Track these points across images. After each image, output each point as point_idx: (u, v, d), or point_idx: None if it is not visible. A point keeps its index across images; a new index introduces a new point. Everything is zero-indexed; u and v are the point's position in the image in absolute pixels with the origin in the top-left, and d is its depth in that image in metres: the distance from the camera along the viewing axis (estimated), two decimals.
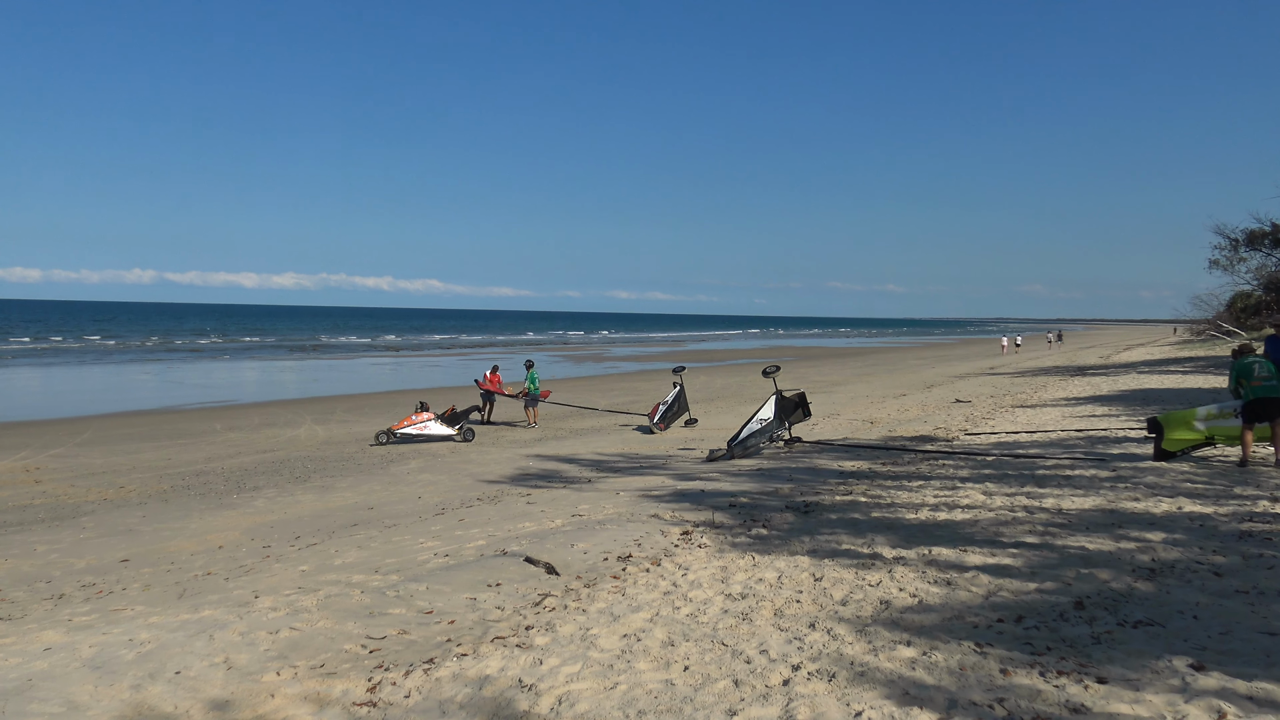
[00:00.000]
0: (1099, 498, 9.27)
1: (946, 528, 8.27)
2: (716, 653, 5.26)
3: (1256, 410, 10.80)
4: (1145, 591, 5.95)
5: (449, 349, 74.86)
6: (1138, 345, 69.46)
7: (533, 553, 8.04)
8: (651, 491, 11.41)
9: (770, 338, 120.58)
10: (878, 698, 4.43)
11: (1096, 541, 7.39)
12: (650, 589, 6.78)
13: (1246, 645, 4.86)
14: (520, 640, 5.71)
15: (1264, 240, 42.22)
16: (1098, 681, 4.45)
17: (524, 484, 13.24)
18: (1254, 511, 8.24)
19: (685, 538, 8.52)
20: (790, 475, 12.30)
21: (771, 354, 67.66)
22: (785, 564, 7.26)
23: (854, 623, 5.64)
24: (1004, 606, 5.79)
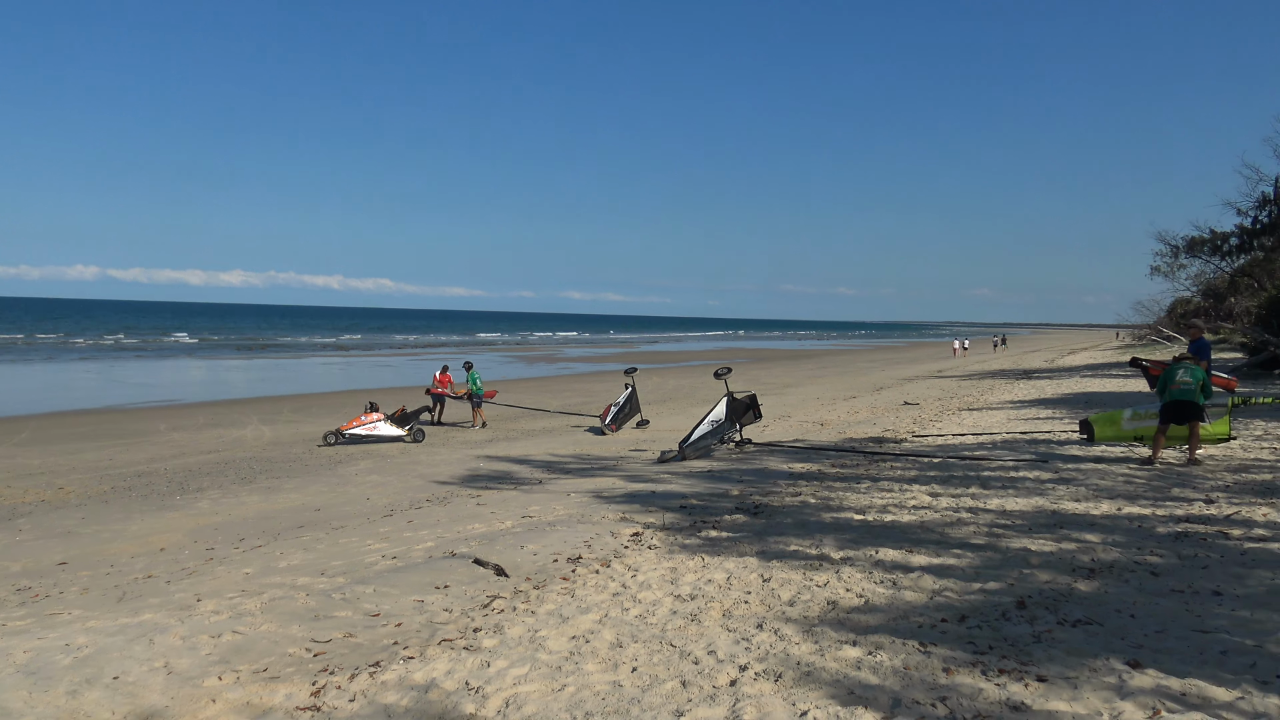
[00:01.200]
0: (1042, 499, 9.44)
1: (894, 529, 8.37)
2: (665, 654, 5.27)
3: (1173, 412, 11.37)
4: (1085, 591, 6.07)
5: (400, 349, 74.18)
6: (1082, 349, 70.86)
7: (482, 554, 8.00)
8: (602, 493, 11.41)
9: (722, 339, 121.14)
10: (823, 697, 4.47)
11: (1039, 542, 7.52)
12: (600, 590, 6.78)
13: (1180, 643, 4.98)
14: (468, 643, 5.68)
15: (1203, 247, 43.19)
16: (1037, 680, 4.53)
17: (474, 485, 13.16)
18: (1190, 513, 8.45)
19: (635, 539, 8.53)
20: (741, 477, 12.36)
21: (723, 356, 67.97)
22: (734, 565, 7.30)
23: (801, 623, 5.69)
24: (948, 606, 5.87)
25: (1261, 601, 5.66)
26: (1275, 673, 4.46)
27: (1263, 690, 4.25)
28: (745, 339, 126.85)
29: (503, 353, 71.20)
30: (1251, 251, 40.01)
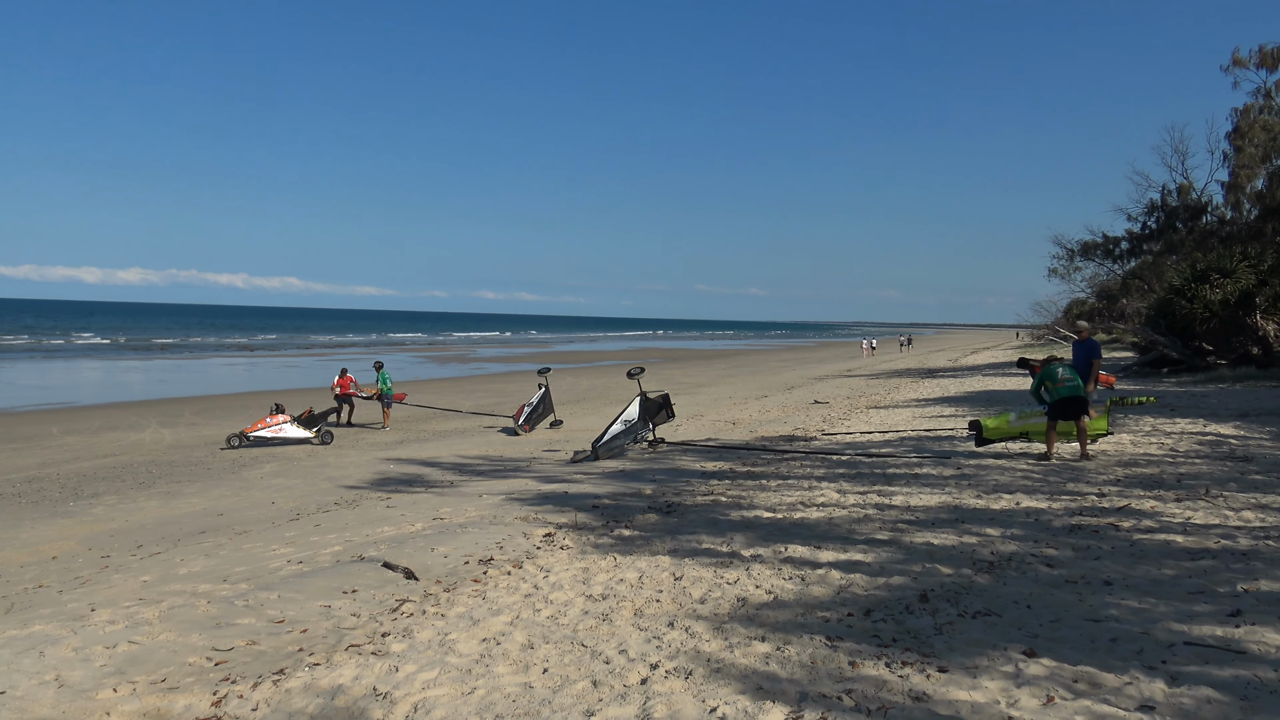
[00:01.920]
0: (944, 495, 9.71)
1: (802, 526, 8.51)
2: (576, 654, 5.27)
3: (1062, 409, 11.83)
4: (984, 584, 6.26)
5: (307, 349, 72.54)
6: (984, 349, 73.02)
7: (391, 558, 7.88)
8: (515, 494, 11.34)
9: (637, 339, 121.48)
10: (733, 693, 4.52)
11: (941, 537, 7.73)
12: (511, 592, 6.74)
13: (1074, 632, 5.17)
14: (376, 648, 5.59)
15: (1096, 251, 44.96)
16: (939, 670, 4.66)
17: (384, 488, 12.96)
18: (1084, 506, 8.78)
19: (548, 540, 8.51)
20: (653, 476, 12.43)
21: (637, 356, 68.19)
22: (646, 564, 7.33)
23: (711, 620, 5.74)
24: (854, 601, 6.00)
25: (1148, 590, 5.91)
26: (1160, 658, 4.67)
27: (1149, 675, 4.44)
28: (660, 339, 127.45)
29: (414, 352, 70.20)
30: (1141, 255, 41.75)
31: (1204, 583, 6.01)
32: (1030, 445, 12.85)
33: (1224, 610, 5.39)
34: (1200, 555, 6.74)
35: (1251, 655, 4.65)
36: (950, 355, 62.87)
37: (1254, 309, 27.72)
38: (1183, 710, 4.04)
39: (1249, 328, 27.83)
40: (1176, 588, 5.95)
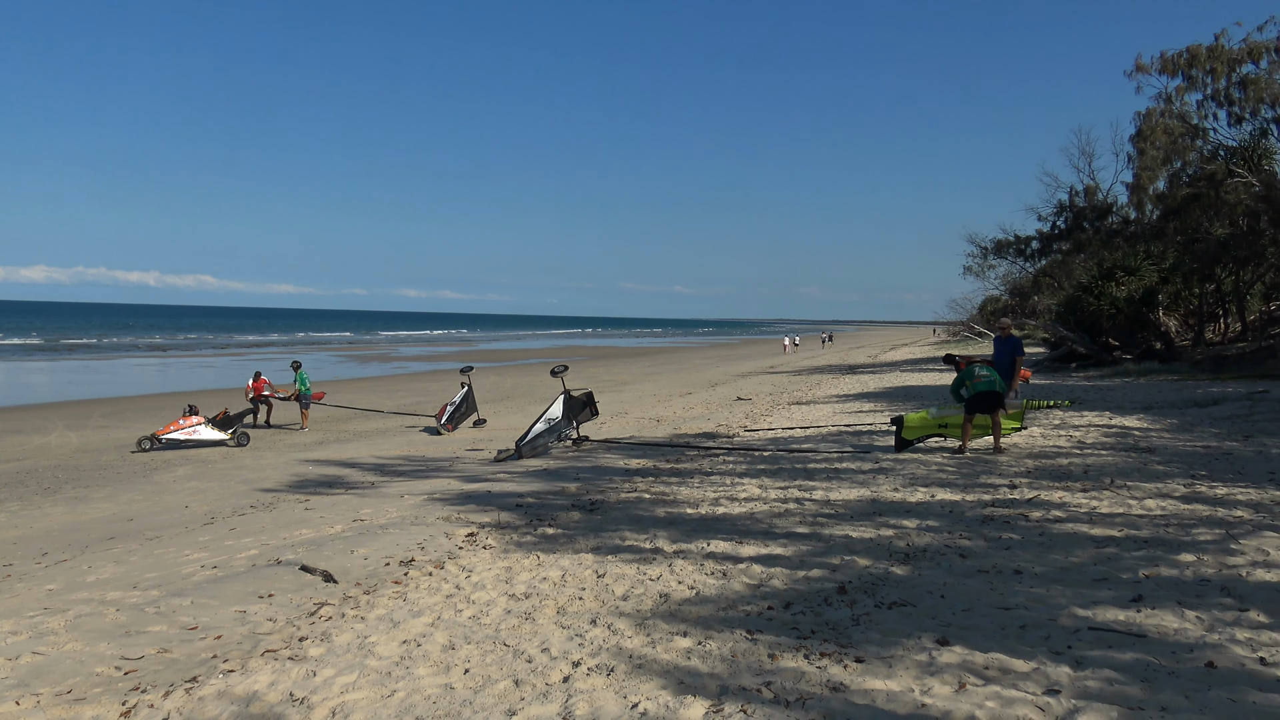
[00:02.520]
0: (863, 489, 9.89)
1: (725, 521, 8.60)
2: (498, 654, 5.25)
3: (978, 403, 12.22)
4: (900, 575, 6.41)
5: (223, 348, 70.76)
6: (902, 345, 74.50)
7: (309, 561, 7.74)
8: (437, 494, 11.23)
9: (562, 337, 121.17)
10: (655, 688, 4.55)
11: (859, 529, 7.88)
12: (433, 593, 6.68)
13: (985, 620, 5.32)
14: (293, 652, 5.49)
15: (1009, 250, 46.33)
16: (856, 661, 4.75)
17: (302, 489, 12.72)
18: (995, 498, 9.03)
19: (470, 539, 8.45)
20: (577, 474, 12.42)
21: (562, 354, 68.01)
22: (569, 562, 7.33)
23: (634, 617, 5.77)
24: (774, 594, 6.08)
25: (1055, 578, 6.11)
26: (1066, 644, 4.83)
27: (1055, 661, 4.59)
28: (585, 337, 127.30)
29: (335, 352, 68.98)
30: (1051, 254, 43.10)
31: (1108, 570, 6.23)
32: (946, 440, 13.16)
33: (1126, 596, 5.60)
34: (1105, 543, 6.98)
35: (1151, 639, 4.84)
36: (870, 352, 64.03)
37: (1156, 306, 28.83)
38: (1087, 693, 4.18)
39: (1152, 324, 28.93)
40: (1082, 575, 6.15)
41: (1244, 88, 27.78)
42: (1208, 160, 29.19)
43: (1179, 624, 5.04)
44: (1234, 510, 7.90)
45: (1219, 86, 28.64)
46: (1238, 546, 6.66)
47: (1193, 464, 10.42)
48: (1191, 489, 8.95)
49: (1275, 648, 4.62)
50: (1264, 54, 27.48)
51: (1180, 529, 7.31)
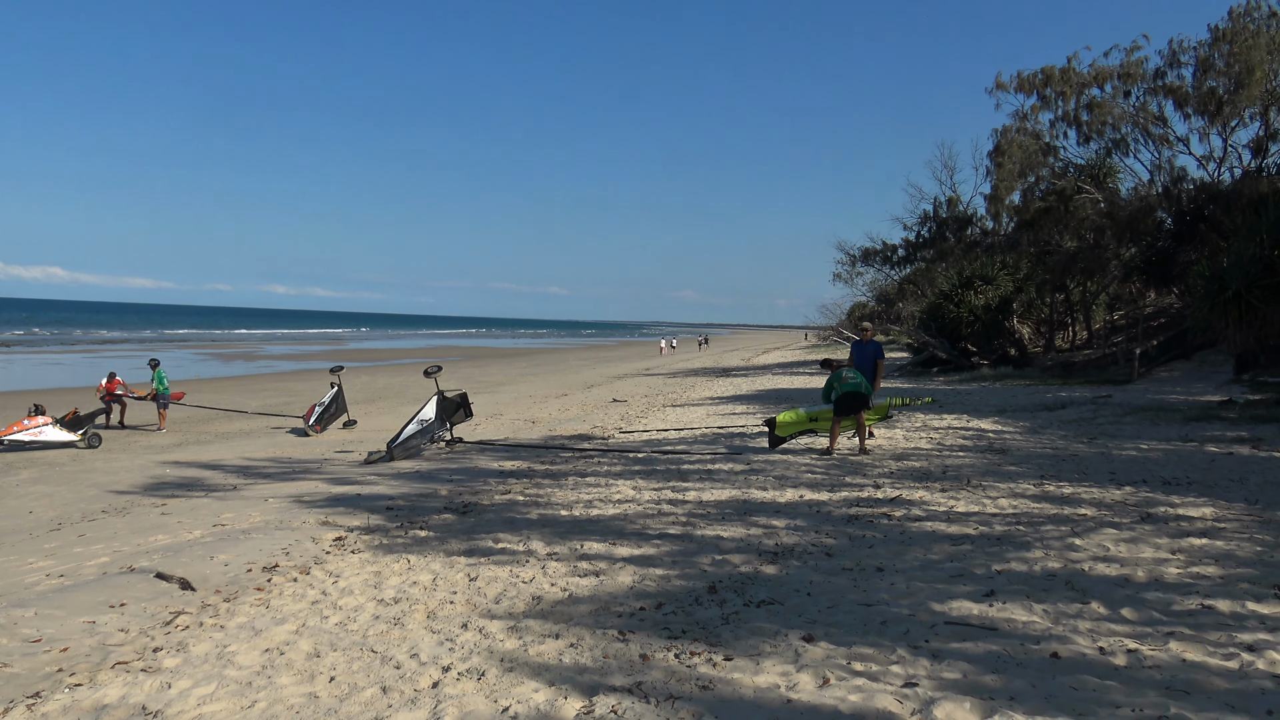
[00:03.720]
0: (734, 489, 10.07)
1: (599, 523, 8.62)
2: (365, 660, 5.13)
3: (845, 404, 12.62)
4: (769, 573, 6.55)
5: (73, 345, 66.95)
6: (774, 349, 76.21)
7: (165, 568, 7.41)
8: (304, 497, 10.91)
9: (436, 337, 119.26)
10: (527, 691, 4.53)
11: (730, 529, 8.02)
12: (298, 599, 6.49)
13: (849, 616, 5.49)
14: (146, 664, 5.24)
15: (876, 257, 47.96)
16: (725, 659, 4.83)
17: (159, 493, 12.15)
18: (860, 497, 9.33)
19: (338, 544, 8.24)
20: (450, 476, 12.26)
21: (436, 354, 66.96)
22: (441, 565, 7.23)
23: (506, 620, 5.73)
24: (647, 594, 6.13)
25: (915, 575, 6.35)
26: (925, 638, 5.02)
27: (914, 654, 4.78)
28: (459, 337, 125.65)
29: (196, 349, 66.17)
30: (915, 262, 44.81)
31: (963, 566, 6.52)
32: (815, 440, 13.53)
33: (980, 591, 5.86)
34: (961, 541, 7.30)
35: (1003, 631, 5.08)
36: (744, 355, 65.24)
37: (1012, 314, 30.31)
38: (943, 683, 4.36)
39: (1007, 330, 30.40)
40: (940, 571, 6.42)
41: (1091, 110, 29.47)
42: (1059, 176, 30.84)
43: (1028, 617, 5.31)
44: (1079, 508, 8.37)
45: (1069, 108, 30.32)
46: (1081, 543, 7.05)
47: (1042, 465, 10.99)
48: (1041, 488, 9.44)
49: (1113, 637, 4.91)
50: (1108, 79, 29.22)
51: (1030, 527, 7.70)
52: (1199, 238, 24.61)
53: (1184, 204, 26.08)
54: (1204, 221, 24.55)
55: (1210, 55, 26.61)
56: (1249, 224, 16.33)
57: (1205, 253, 23.58)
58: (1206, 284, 16.26)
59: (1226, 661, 4.50)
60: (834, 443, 12.67)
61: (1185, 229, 25.20)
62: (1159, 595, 5.64)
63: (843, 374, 12.70)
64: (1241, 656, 4.55)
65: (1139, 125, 28.93)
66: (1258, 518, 7.77)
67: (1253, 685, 4.21)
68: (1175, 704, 4.01)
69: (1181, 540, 7.03)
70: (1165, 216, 27.13)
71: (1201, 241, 24.46)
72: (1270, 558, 6.46)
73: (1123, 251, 28.93)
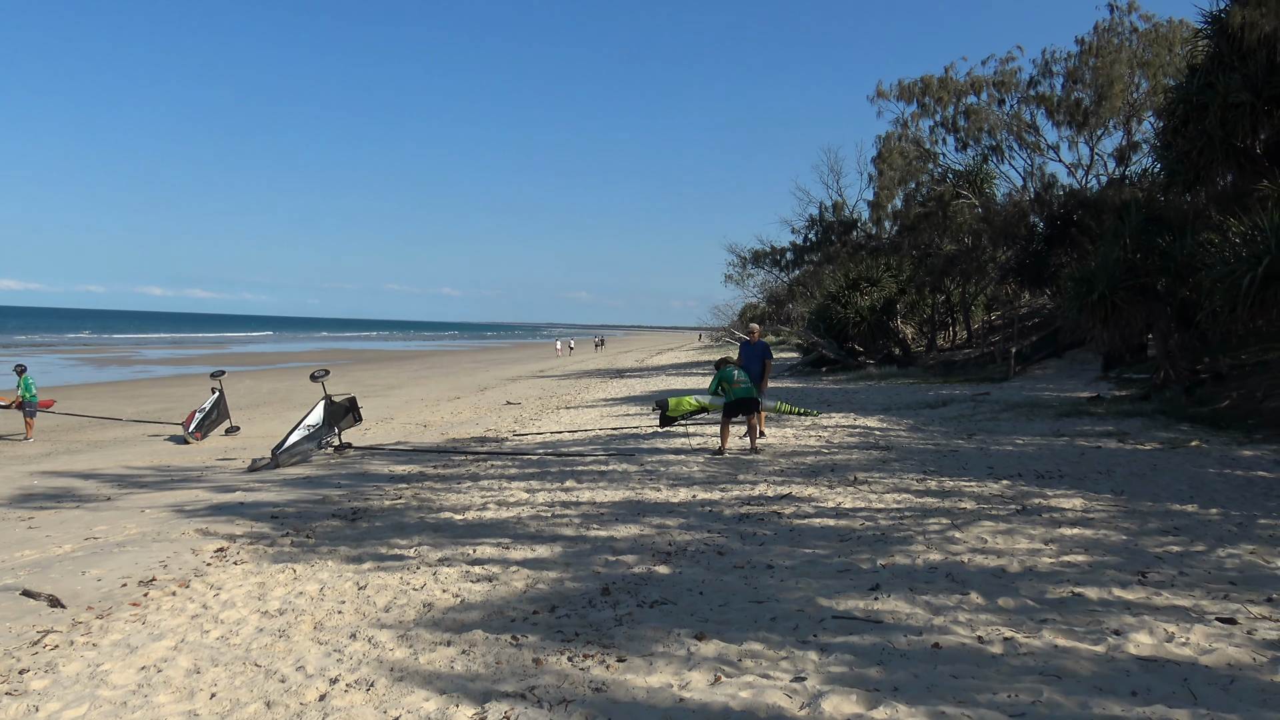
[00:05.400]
0: (628, 490, 10.12)
1: (493, 526, 8.55)
2: (248, 675, 4.98)
3: (736, 408, 12.82)
4: (662, 574, 6.60)
5: None
6: (668, 350, 76.83)
7: (33, 585, 7.04)
8: (184, 506, 10.50)
9: (323, 340, 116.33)
10: (418, 700, 4.47)
11: (624, 530, 8.06)
12: (176, 614, 6.25)
13: (740, 614, 5.58)
14: (12, 687, 4.97)
15: (765, 260, 48.82)
16: (618, 660, 4.86)
17: (25, 505, 11.52)
18: (752, 495, 9.48)
19: (220, 555, 7.97)
20: (339, 482, 11.98)
21: (324, 357, 65.30)
22: (329, 575, 7.06)
23: (396, 628, 5.63)
24: (540, 598, 6.11)
25: (803, 571, 6.49)
26: (813, 632, 5.14)
27: (803, 649, 4.88)
28: (347, 339, 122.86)
29: (66, 354, 63.03)
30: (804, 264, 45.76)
31: (850, 561, 6.69)
32: (708, 440, 13.67)
33: (866, 585, 6.03)
34: (848, 536, 7.50)
35: (887, 624, 5.24)
36: (638, 356, 65.57)
37: (896, 314, 31.23)
38: (831, 677, 4.48)
39: (892, 331, 31.30)
40: (828, 567, 6.58)
41: (968, 117, 30.61)
42: (938, 182, 31.91)
43: (910, 609, 5.48)
44: (959, 502, 8.69)
45: (947, 114, 31.44)
46: (961, 535, 7.32)
47: (925, 460, 11.37)
48: (923, 483, 9.77)
49: (990, 626, 5.11)
50: (984, 87, 30.40)
51: (913, 520, 7.96)
52: (1069, 241, 25.78)
53: (1055, 209, 27.28)
54: (1073, 226, 25.73)
55: (1079, 67, 27.97)
56: (1114, 229, 17.18)
57: (1075, 256, 24.72)
58: (1075, 286, 17.04)
59: (1095, 646, 4.73)
60: (725, 442, 12.83)
61: (1056, 233, 26.36)
62: (1033, 584, 5.90)
63: (734, 375, 12.87)
64: (1109, 640, 4.79)
65: (1013, 133, 30.19)
66: (1123, 508, 8.19)
67: (1119, 668, 4.44)
68: (1048, 689, 4.20)
69: (1054, 530, 7.37)
70: (1038, 221, 28.34)
71: (1071, 245, 25.63)
72: (1135, 545, 6.83)
73: (999, 254, 30.11)
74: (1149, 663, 4.50)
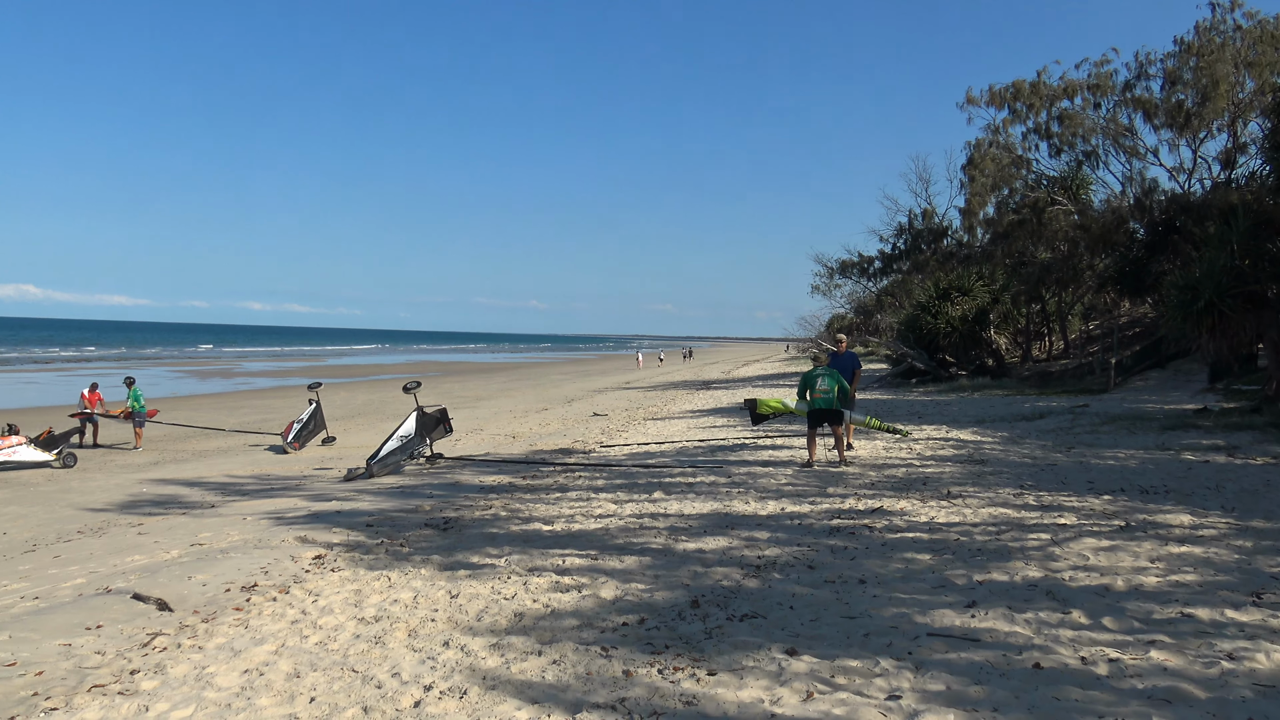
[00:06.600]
0: (716, 503, 10.07)
1: (581, 537, 8.59)
2: (346, 680, 5.09)
3: (818, 418, 12.65)
4: (752, 587, 6.54)
5: (47, 364, 66.27)
6: (755, 361, 76.37)
7: (143, 588, 7.32)
8: (283, 514, 10.81)
9: (415, 352, 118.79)
10: (509, 710, 4.50)
11: (712, 543, 8.01)
12: (277, 619, 6.42)
13: (831, 629, 5.49)
14: (124, 687, 5.17)
15: (853, 269, 48.24)
16: (708, 674, 4.82)
17: (135, 512, 12.02)
18: (841, 509, 9.35)
19: (318, 562, 8.17)
20: (431, 492, 12.19)
21: (415, 369, 66.70)
22: (422, 583, 7.18)
23: (488, 637, 5.69)
24: (629, 609, 6.11)
25: (897, 586, 6.37)
26: (907, 649, 5.03)
27: (898, 666, 4.78)
28: (438, 352, 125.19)
29: (172, 367, 65.64)
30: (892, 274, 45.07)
31: (945, 577, 6.54)
32: (795, 453, 13.54)
33: (962, 601, 5.89)
34: (942, 551, 7.33)
35: (984, 642, 5.10)
36: (724, 367, 65.33)
37: (988, 324, 30.50)
38: (927, 695, 4.37)
39: (984, 341, 30.59)
40: (922, 583, 6.43)
41: (1062, 122, 29.78)
42: (1031, 188, 31.11)
43: (1009, 627, 5.33)
44: (1058, 518, 8.42)
45: (1040, 120, 30.62)
46: (1061, 552, 7.09)
47: (1021, 474, 11.06)
48: (1020, 498, 9.50)
49: (1095, 647, 4.94)
50: (1078, 91, 29.55)
51: (1010, 537, 7.74)
52: (1171, 248, 24.88)
53: (1156, 215, 26.36)
54: (1176, 232, 24.82)
55: (1178, 68, 26.98)
56: (1220, 234, 16.52)
57: (1178, 263, 23.84)
58: (1180, 294, 16.42)
59: (1208, 670, 4.53)
60: (813, 454, 12.67)
61: (1158, 239, 25.47)
62: (1139, 604, 5.68)
63: (817, 383, 12.65)
64: (1222, 664, 4.58)
65: (1109, 137, 29.24)
66: (1235, 525, 7.84)
67: (1234, 693, 4.24)
68: (1157, 713, 4.04)
69: (1161, 548, 7.09)
70: (1138, 227, 27.41)
71: (1174, 252, 24.72)
72: (1248, 565, 6.52)
73: (1096, 262, 29.20)
74: (1267, 689, 4.29)
